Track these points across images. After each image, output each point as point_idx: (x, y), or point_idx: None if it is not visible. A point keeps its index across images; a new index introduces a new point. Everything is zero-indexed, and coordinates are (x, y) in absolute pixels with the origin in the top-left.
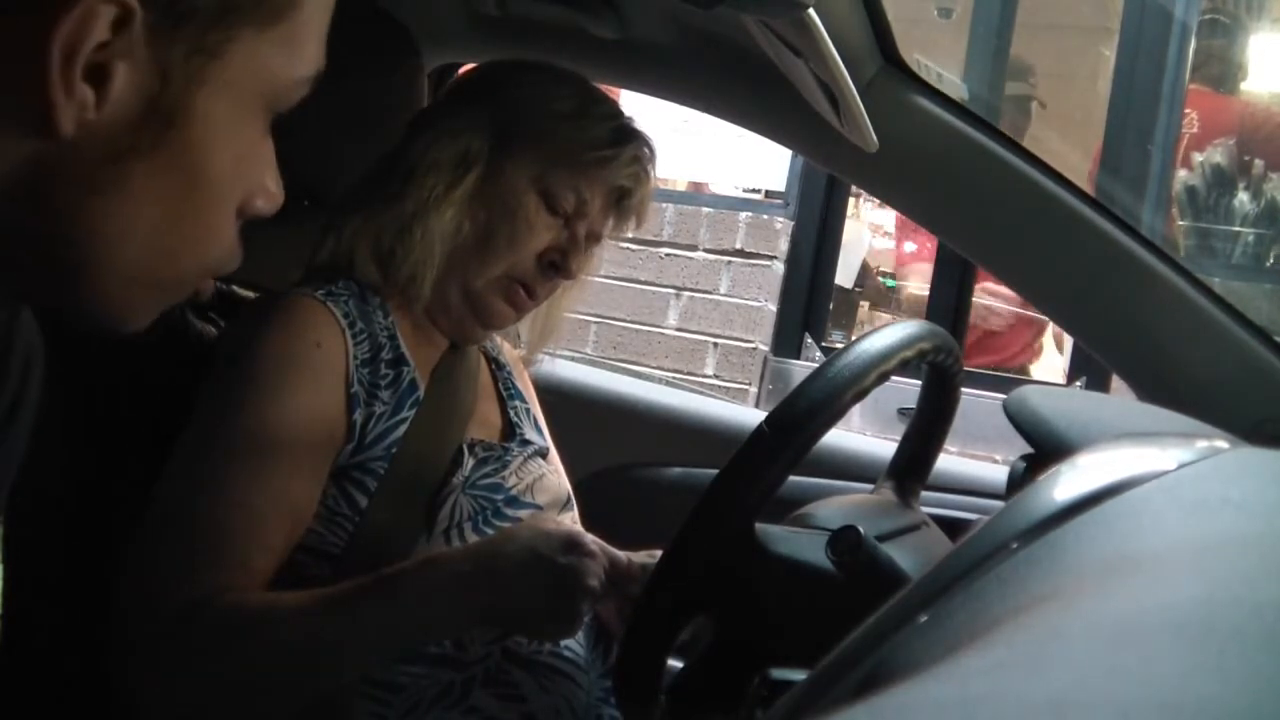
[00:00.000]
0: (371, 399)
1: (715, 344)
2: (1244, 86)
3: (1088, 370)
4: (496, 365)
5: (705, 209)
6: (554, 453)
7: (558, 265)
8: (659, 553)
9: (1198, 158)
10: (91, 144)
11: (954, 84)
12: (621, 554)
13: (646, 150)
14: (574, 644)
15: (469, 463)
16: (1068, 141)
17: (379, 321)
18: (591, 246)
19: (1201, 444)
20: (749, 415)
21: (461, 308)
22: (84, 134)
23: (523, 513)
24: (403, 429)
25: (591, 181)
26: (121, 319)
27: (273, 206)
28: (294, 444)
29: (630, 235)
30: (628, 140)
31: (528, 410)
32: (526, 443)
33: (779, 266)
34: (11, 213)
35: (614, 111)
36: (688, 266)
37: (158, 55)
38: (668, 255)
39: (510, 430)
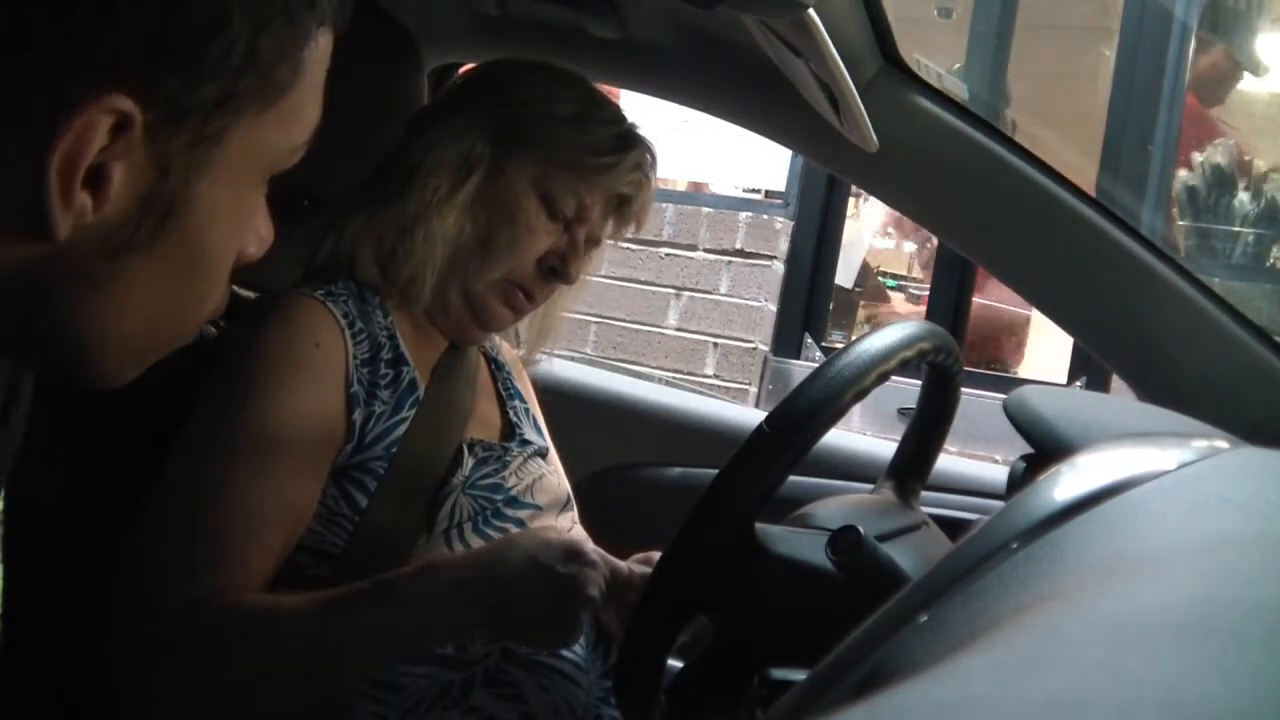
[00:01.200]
0: (371, 399)
1: (715, 344)
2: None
3: (1088, 370)
4: (496, 365)
5: (705, 209)
6: (553, 453)
7: (557, 270)
8: (656, 557)
9: (1198, 158)
10: (88, 243)
11: (954, 84)
12: (622, 563)
13: (648, 156)
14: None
15: (469, 462)
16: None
17: (378, 321)
18: (591, 250)
19: (1201, 444)
20: (749, 415)
21: (461, 309)
22: (80, 234)
23: (522, 513)
24: (402, 429)
25: (592, 187)
26: (113, 380)
27: (264, 248)
28: (293, 444)
29: (630, 235)
30: (630, 146)
31: (527, 410)
32: (526, 443)
33: (779, 266)
34: (3, 310)
35: (616, 116)
36: (688, 266)
37: (156, 151)
38: (668, 255)
39: (510, 430)
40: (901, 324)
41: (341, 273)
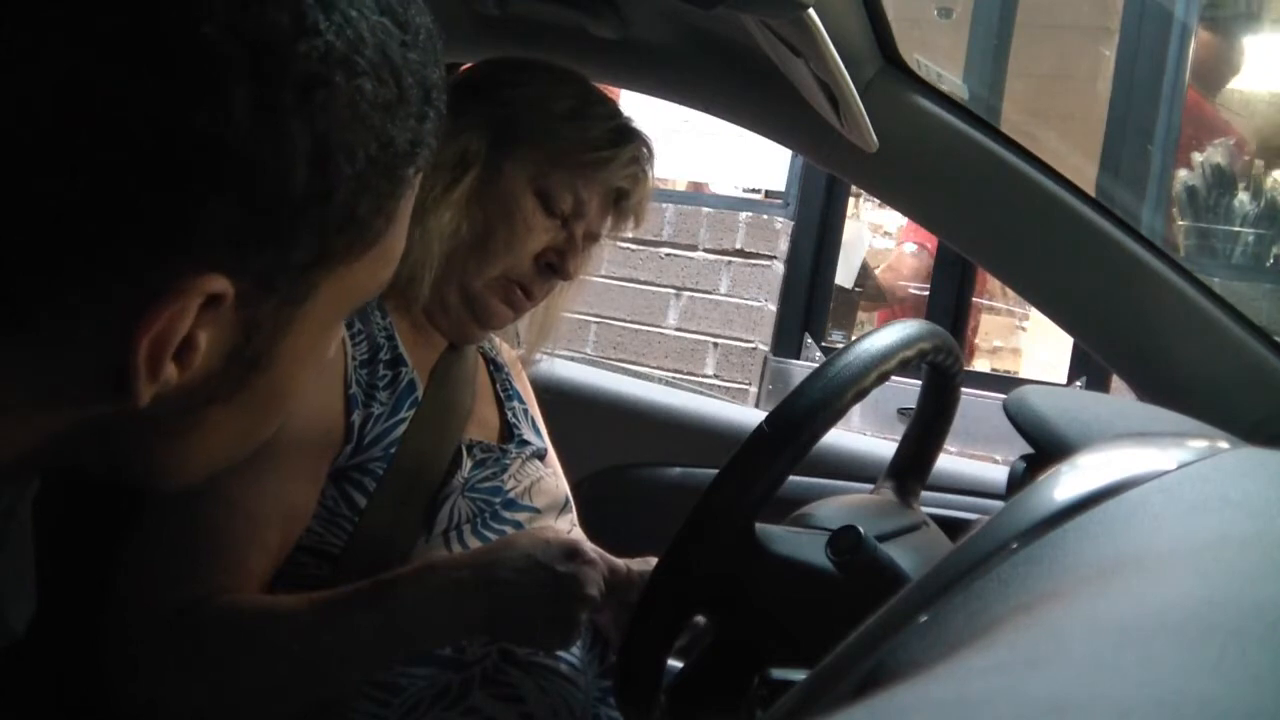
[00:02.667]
0: (370, 400)
1: (715, 344)
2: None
3: (1088, 370)
4: (494, 366)
5: (705, 209)
6: (552, 454)
7: (555, 267)
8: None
9: (1198, 158)
10: (169, 401)
11: (954, 84)
12: (620, 562)
13: (645, 150)
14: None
15: (467, 464)
16: (1067, 141)
17: (377, 322)
18: (589, 247)
19: (1201, 444)
20: (749, 415)
21: (459, 308)
22: (162, 395)
23: (521, 515)
24: (401, 429)
25: (589, 182)
26: (176, 489)
27: (333, 352)
28: (291, 446)
29: (630, 235)
30: (626, 141)
31: (525, 411)
32: (524, 444)
33: (779, 266)
34: (75, 453)
35: (613, 112)
36: (688, 266)
37: (245, 315)
38: (668, 255)
39: (508, 432)
40: (901, 324)
41: None
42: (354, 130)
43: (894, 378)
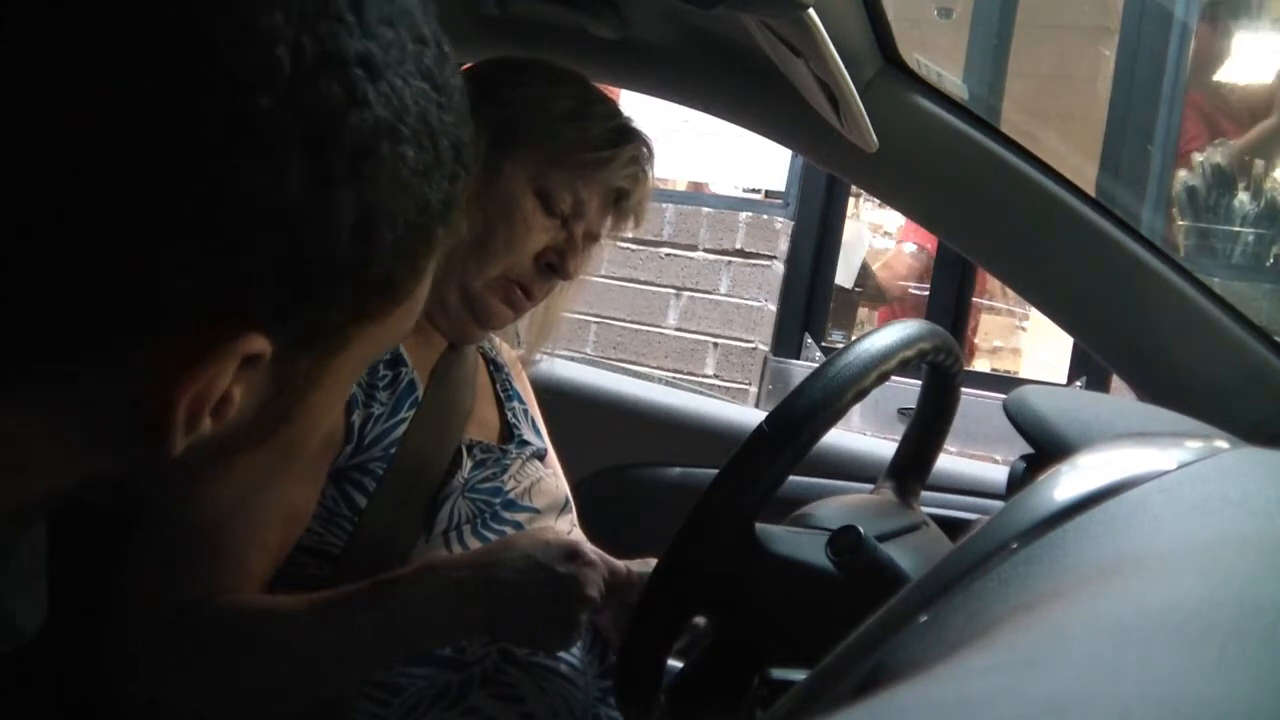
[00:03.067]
0: (369, 400)
1: (715, 344)
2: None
3: (1088, 370)
4: (494, 367)
5: (705, 209)
6: (552, 454)
7: (555, 267)
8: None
9: (1198, 158)
10: (196, 452)
11: (954, 84)
12: (620, 563)
13: (645, 150)
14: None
15: (467, 464)
16: (1067, 141)
17: None
18: (589, 247)
19: (1201, 444)
20: (749, 415)
21: (459, 308)
22: (191, 446)
23: (520, 516)
24: (401, 429)
25: (589, 182)
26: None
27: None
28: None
29: (630, 235)
30: (626, 140)
31: (525, 411)
32: (524, 444)
33: (779, 266)
34: (98, 492)
35: (612, 111)
36: (688, 266)
37: (280, 371)
38: (668, 255)
39: (508, 432)
40: (901, 324)
41: None
42: (396, 198)
43: (894, 378)
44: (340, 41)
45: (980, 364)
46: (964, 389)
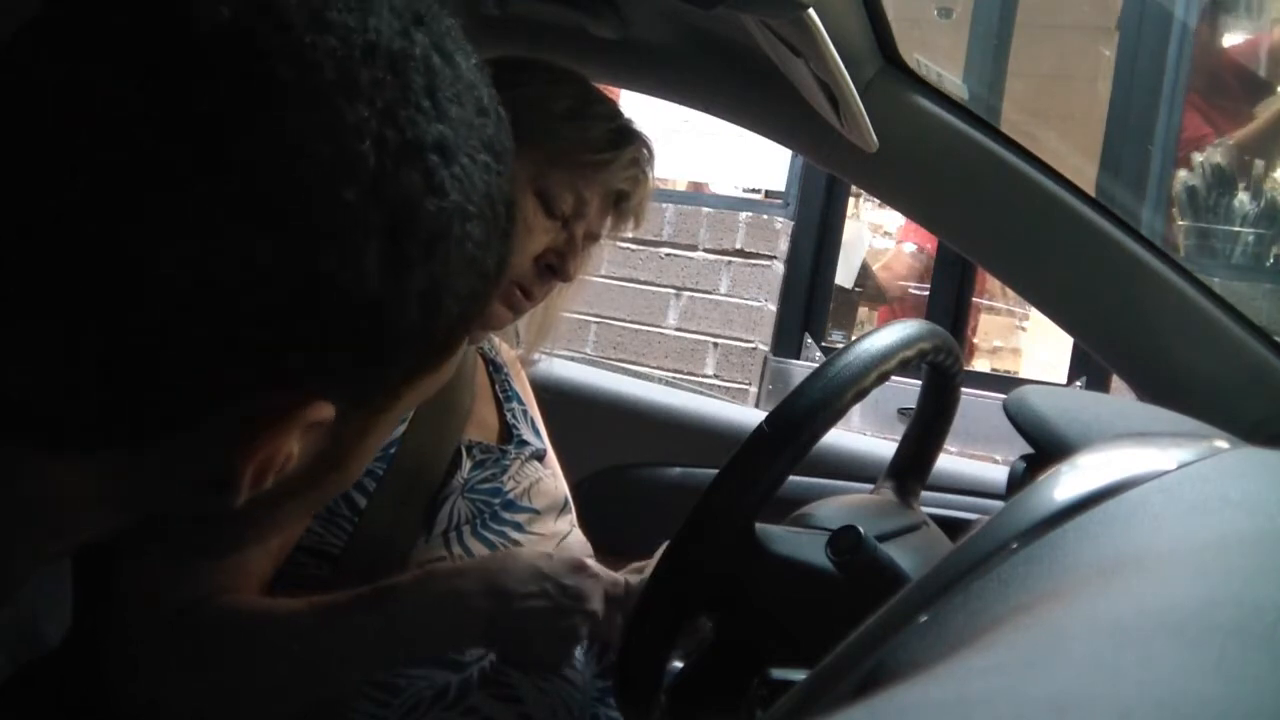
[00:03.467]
0: None
1: (715, 344)
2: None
3: (1088, 370)
4: (493, 367)
5: (705, 209)
6: (551, 455)
7: (555, 268)
8: (647, 565)
9: (1198, 158)
10: (252, 500)
11: (954, 84)
12: (620, 576)
13: (645, 152)
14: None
15: (466, 464)
16: (1067, 141)
17: None
18: (589, 247)
19: (1201, 444)
20: (749, 415)
21: None
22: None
23: (520, 516)
24: (400, 430)
25: (590, 184)
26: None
27: None
28: None
29: (630, 235)
30: (627, 142)
31: (525, 412)
32: (524, 444)
33: (779, 266)
34: (135, 528)
35: (613, 112)
36: (688, 266)
37: (337, 428)
38: (668, 255)
39: (507, 433)
40: (901, 324)
41: None
42: (462, 273)
43: (894, 378)
44: (419, 130)
45: (980, 364)
46: (964, 389)
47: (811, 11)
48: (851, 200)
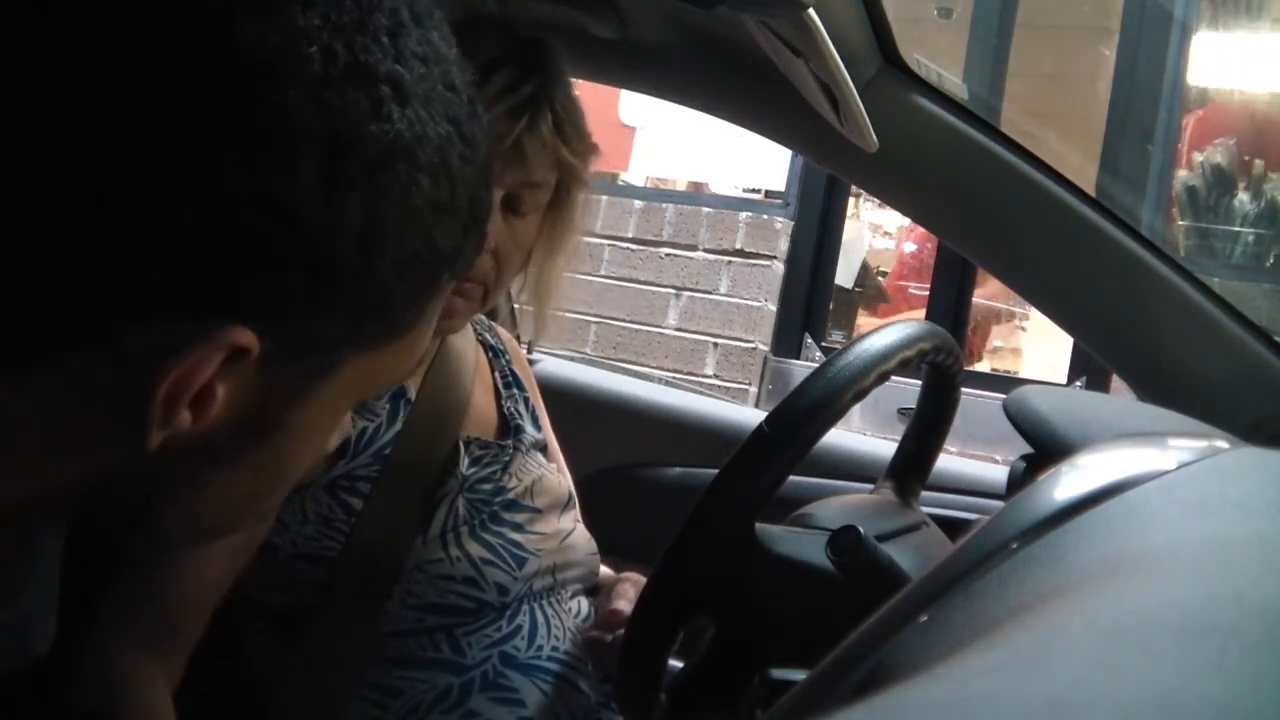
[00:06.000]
0: (363, 410)
1: (715, 344)
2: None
3: (1088, 370)
4: (493, 354)
5: (705, 209)
6: (554, 447)
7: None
8: (638, 578)
9: (1198, 158)
10: (178, 451)
11: (954, 84)
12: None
13: (526, 75)
14: (572, 647)
15: (465, 461)
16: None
17: None
18: (529, 212)
19: (1201, 444)
20: (749, 415)
21: None
22: (170, 445)
23: (520, 516)
24: (394, 431)
25: None
26: (180, 547)
27: (341, 437)
28: None
29: (630, 235)
30: (492, 73)
31: (526, 400)
32: (522, 436)
33: (779, 266)
34: (80, 507)
35: (488, 43)
36: (688, 266)
37: (266, 378)
38: (668, 255)
39: (506, 426)
40: (901, 324)
41: None
42: (405, 221)
43: (894, 378)
44: (372, 58)
45: (980, 364)
46: (964, 389)
47: (811, 11)
48: (851, 200)
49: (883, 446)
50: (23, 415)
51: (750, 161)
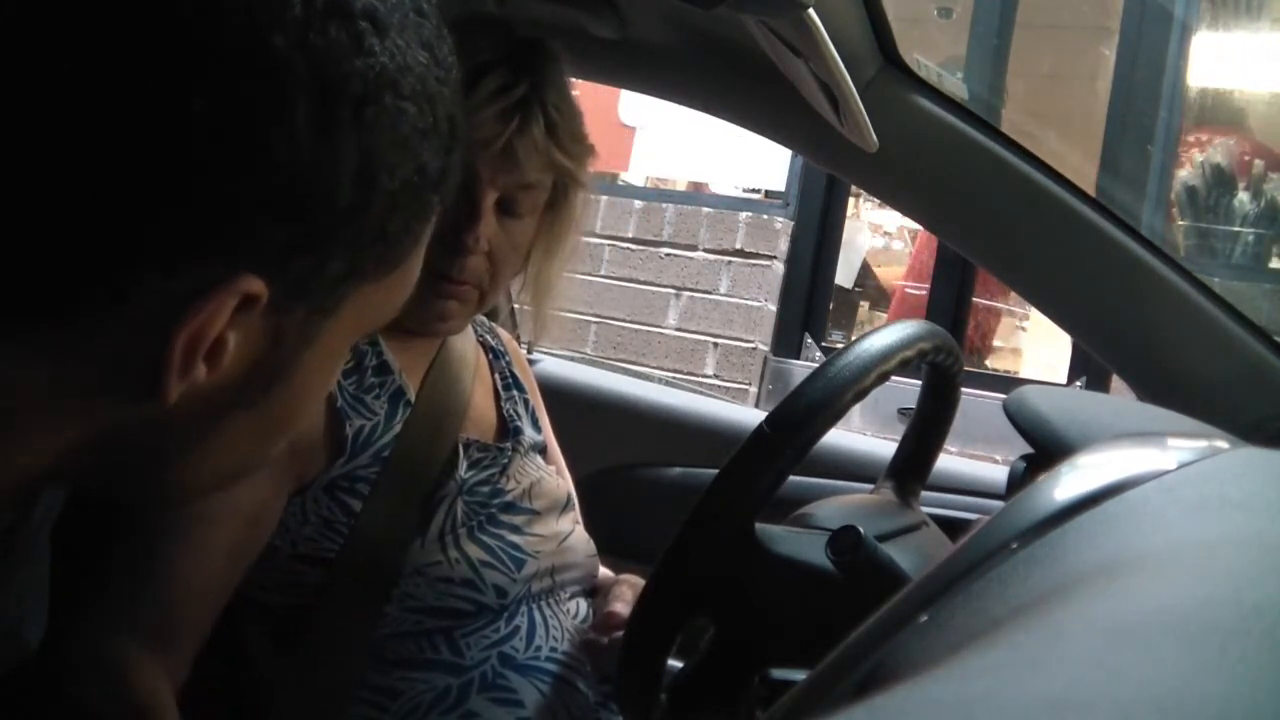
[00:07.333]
0: (362, 409)
1: (715, 344)
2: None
3: (1088, 370)
4: (494, 355)
5: (705, 209)
6: (554, 448)
7: (462, 244)
8: (636, 580)
9: (1198, 157)
10: (192, 404)
11: (954, 84)
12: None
13: (514, 75)
14: (571, 648)
15: (463, 464)
16: (1067, 141)
17: None
18: (525, 211)
19: (1201, 444)
20: (749, 415)
21: (408, 305)
22: (187, 397)
23: (519, 518)
24: (393, 433)
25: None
26: (180, 505)
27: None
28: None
29: (630, 235)
30: (483, 74)
31: (526, 401)
32: (521, 438)
33: (779, 266)
34: (95, 464)
35: (481, 46)
36: (688, 266)
37: (274, 321)
38: (668, 255)
39: (505, 428)
40: (901, 324)
41: None
42: (395, 151)
43: (894, 378)
44: None
45: (991, 359)
46: (964, 389)
47: (811, 11)
48: (851, 200)
49: (883, 446)
50: (33, 377)
51: (750, 161)
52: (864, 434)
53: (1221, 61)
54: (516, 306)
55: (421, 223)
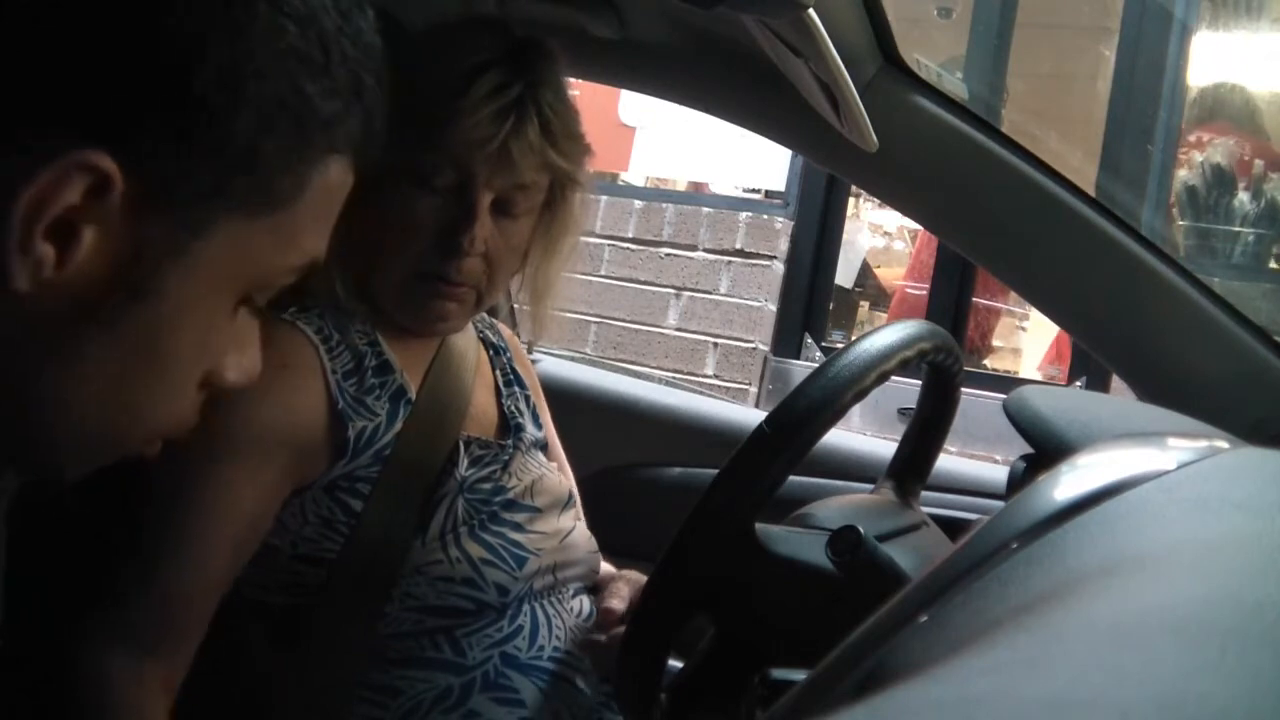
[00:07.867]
0: (363, 410)
1: (715, 344)
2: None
3: (1087, 370)
4: (494, 351)
5: (705, 209)
6: (556, 445)
7: (456, 245)
8: (634, 575)
9: (1198, 158)
10: (49, 304)
11: (954, 84)
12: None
13: (509, 77)
14: (573, 647)
15: (464, 462)
16: (1067, 141)
17: (359, 330)
18: (522, 211)
19: (1201, 444)
20: (749, 415)
21: (406, 307)
22: (42, 292)
23: (520, 516)
24: (394, 432)
25: (446, 140)
26: (58, 470)
27: (244, 378)
28: (255, 449)
29: (630, 235)
30: (477, 75)
31: (527, 398)
32: (523, 435)
33: (779, 266)
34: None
35: (475, 47)
36: (688, 266)
37: (135, 227)
38: (668, 255)
39: (506, 425)
40: (901, 324)
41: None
42: (269, 63)
43: (894, 378)
44: None
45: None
46: (964, 389)
47: (811, 11)
48: (851, 200)
49: (883, 446)
50: None
51: (750, 161)
52: (864, 434)
53: (1221, 61)
54: (516, 306)
55: (305, 164)
